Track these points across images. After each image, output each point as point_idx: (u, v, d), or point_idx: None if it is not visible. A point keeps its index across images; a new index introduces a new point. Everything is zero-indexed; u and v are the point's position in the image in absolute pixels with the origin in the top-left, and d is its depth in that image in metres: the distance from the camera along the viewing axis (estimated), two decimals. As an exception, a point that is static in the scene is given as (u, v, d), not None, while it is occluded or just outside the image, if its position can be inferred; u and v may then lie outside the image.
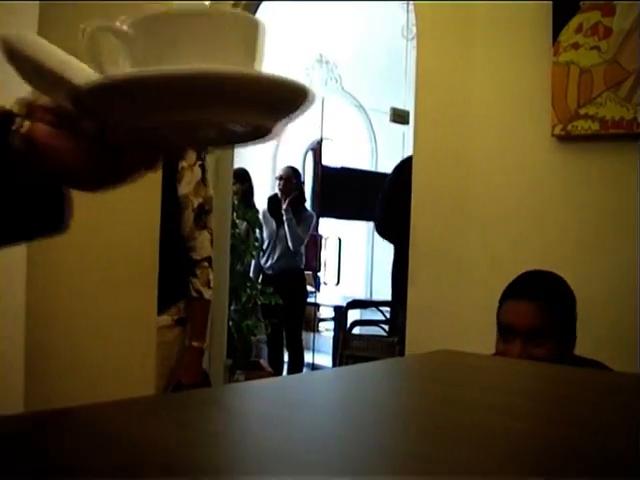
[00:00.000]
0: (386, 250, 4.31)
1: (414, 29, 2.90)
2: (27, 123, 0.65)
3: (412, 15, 2.88)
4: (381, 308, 6.33)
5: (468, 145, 2.65)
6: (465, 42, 2.73)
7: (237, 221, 5.08)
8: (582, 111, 2.41)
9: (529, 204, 2.42)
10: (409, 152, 2.94)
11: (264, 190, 7.31)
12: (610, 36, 2.38)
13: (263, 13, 4.97)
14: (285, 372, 5.71)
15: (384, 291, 5.50)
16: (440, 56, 2.80)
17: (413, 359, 0.87)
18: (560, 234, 2.39)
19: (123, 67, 0.61)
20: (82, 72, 0.62)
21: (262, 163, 8.44)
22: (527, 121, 2.56)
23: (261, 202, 6.04)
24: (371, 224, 6.29)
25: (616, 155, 2.37)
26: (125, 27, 0.61)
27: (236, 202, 5.07)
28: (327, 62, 8.23)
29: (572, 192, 2.40)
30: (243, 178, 5.91)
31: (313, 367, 6.31)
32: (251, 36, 0.63)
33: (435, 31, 2.82)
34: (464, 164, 2.65)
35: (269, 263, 5.70)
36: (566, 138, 2.46)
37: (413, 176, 2.81)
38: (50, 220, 0.71)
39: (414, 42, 2.89)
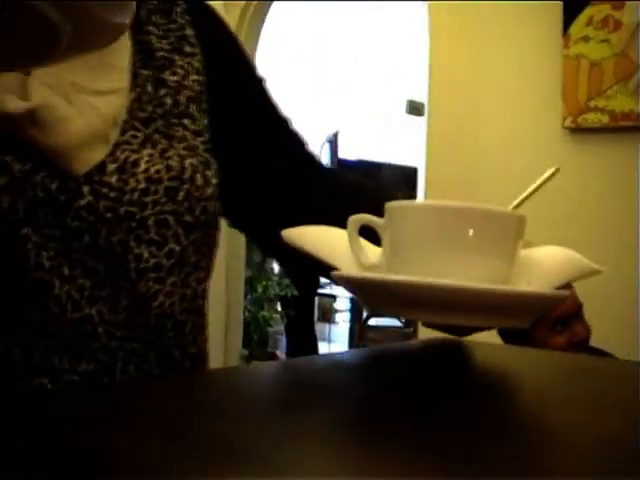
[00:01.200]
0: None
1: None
2: None
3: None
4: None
5: (480, 137, 2.68)
6: (477, 36, 2.76)
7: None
8: (592, 104, 2.43)
9: (539, 194, 2.43)
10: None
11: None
12: (620, 29, 2.40)
13: (289, 12, 5.01)
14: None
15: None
16: (452, 49, 2.84)
17: (419, 345, 0.90)
18: (569, 224, 2.42)
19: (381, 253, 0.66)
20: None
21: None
22: (538, 113, 2.59)
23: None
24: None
25: (625, 147, 2.40)
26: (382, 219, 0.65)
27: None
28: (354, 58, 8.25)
29: (582, 183, 2.42)
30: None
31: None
32: (516, 234, 0.63)
33: (447, 25, 2.85)
34: (476, 156, 2.68)
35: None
36: (576, 130, 2.49)
37: (425, 168, 2.84)
38: None
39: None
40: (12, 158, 0.70)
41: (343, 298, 7.46)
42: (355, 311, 6.71)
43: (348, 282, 0.65)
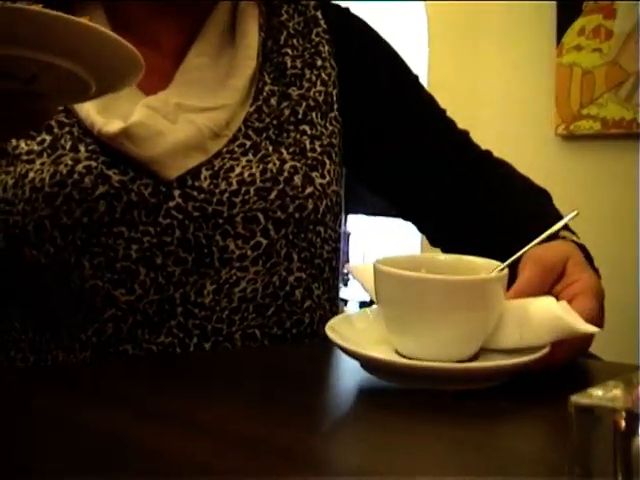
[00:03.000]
0: (414, 245, 4.38)
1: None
2: None
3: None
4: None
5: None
6: (471, 44, 2.81)
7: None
8: (584, 111, 2.48)
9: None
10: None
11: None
12: (611, 38, 2.45)
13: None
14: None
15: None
16: (448, 58, 2.89)
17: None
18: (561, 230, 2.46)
19: None
20: None
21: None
22: (531, 120, 2.64)
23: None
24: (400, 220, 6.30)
25: (617, 154, 2.45)
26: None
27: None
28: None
29: (574, 190, 2.47)
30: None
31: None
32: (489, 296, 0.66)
33: (444, 34, 2.90)
34: (473, 162, 2.73)
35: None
36: (569, 137, 2.54)
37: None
38: None
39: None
40: (113, 171, 0.85)
41: (353, 302, 7.49)
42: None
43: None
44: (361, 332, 0.71)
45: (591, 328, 0.63)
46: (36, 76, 0.60)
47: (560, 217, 0.91)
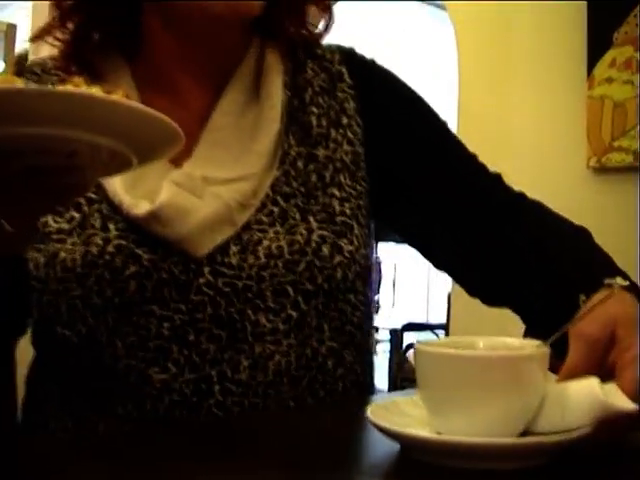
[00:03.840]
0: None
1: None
2: None
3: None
4: (437, 331, 6.36)
5: (506, 177, 2.71)
6: (502, 78, 2.82)
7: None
8: (616, 144, 2.47)
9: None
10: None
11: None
12: (641, 71, 2.44)
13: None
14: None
15: (442, 314, 5.53)
16: (479, 90, 2.89)
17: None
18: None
19: None
20: None
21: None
22: (564, 153, 2.63)
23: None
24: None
25: (649, 187, 2.43)
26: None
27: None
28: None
29: (606, 222, 2.45)
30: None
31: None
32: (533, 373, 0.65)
33: (475, 69, 2.91)
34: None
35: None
36: (601, 170, 2.52)
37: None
38: None
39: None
40: (143, 250, 0.85)
41: (384, 330, 7.48)
42: (395, 342, 6.72)
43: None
44: (402, 415, 0.70)
45: (631, 406, 0.62)
46: (75, 151, 0.61)
47: (603, 254, 0.91)
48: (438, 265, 1.03)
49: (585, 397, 0.62)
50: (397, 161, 1.00)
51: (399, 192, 1.00)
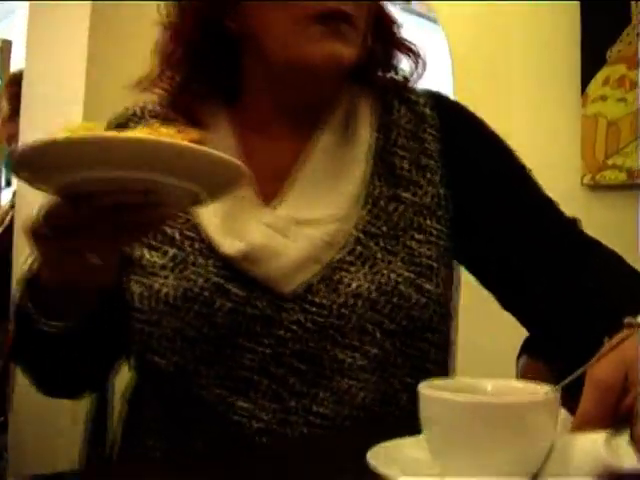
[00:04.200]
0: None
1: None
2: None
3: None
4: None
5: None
6: (498, 95, 2.83)
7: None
8: (610, 161, 2.48)
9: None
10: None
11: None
12: (636, 88, 2.45)
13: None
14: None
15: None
16: (474, 106, 2.90)
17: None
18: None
19: None
20: None
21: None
22: (558, 171, 2.64)
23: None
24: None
25: (643, 205, 2.44)
26: None
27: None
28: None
29: (600, 239, 2.46)
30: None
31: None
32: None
33: (470, 83, 2.92)
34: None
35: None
36: (595, 187, 2.53)
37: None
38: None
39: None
40: (234, 286, 0.90)
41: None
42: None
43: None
44: (404, 457, 0.68)
45: (632, 467, 0.59)
46: (150, 190, 0.68)
47: None
48: (505, 304, 1.03)
49: (588, 455, 0.60)
50: (476, 201, 1.02)
51: (475, 230, 1.02)
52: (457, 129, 1.05)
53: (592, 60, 2.53)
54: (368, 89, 1.05)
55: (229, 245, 0.91)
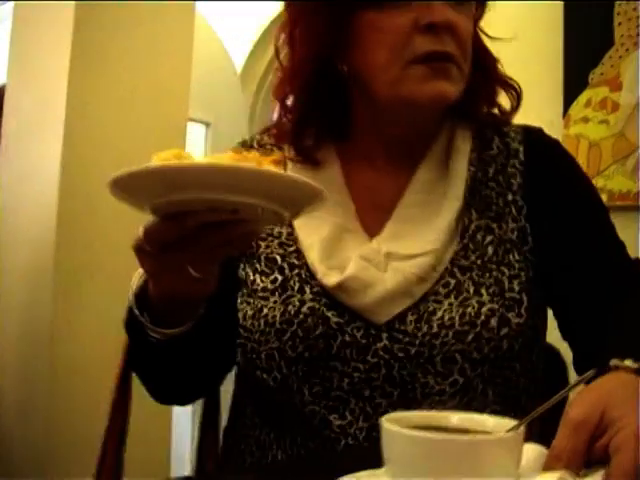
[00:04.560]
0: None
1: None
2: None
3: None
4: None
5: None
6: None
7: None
8: (591, 183, 2.48)
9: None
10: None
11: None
12: (617, 110, 2.46)
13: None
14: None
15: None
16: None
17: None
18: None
19: None
20: None
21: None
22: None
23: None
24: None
25: (622, 226, 2.43)
26: None
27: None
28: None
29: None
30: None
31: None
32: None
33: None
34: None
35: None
36: (576, 208, 2.53)
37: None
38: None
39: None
40: (332, 313, 0.97)
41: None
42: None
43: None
44: None
45: None
46: (237, 209, 0.76)
47: None
48: (564, 333, 1.06)
49: None
50: (552, 237, 1.04)
51: (553, 262, 1.04)
52: (542, 164, 1.08)
53: (575, 82, 2.54)
54: (467, 123, 1.10)
55: (327, 275, 0.98)
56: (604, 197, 2.45)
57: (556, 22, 2.57)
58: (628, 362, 0.77)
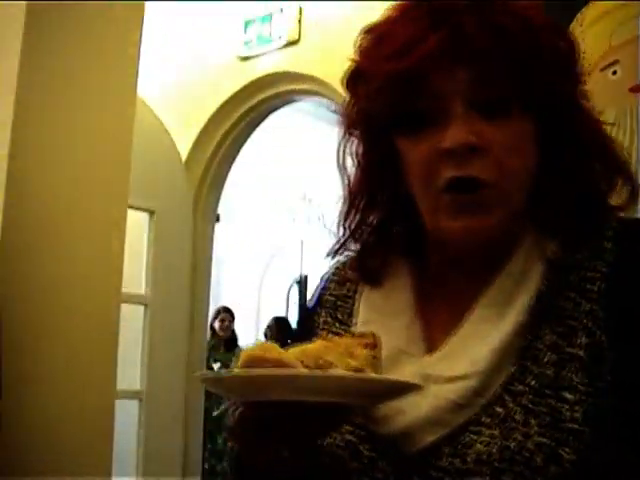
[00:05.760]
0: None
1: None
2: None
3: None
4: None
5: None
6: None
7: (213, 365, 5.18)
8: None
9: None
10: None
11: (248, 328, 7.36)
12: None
13: (252, 153, 5.13)
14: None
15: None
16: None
17: None
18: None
19: None
20: None
21: (246, 299, 8.52)
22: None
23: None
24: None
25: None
26: None
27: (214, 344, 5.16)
28: (310, 200, 8.38)
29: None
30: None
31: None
32: None
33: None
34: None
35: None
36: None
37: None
38: None
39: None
40: (365, 446, 0.91)
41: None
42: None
43: None
44: None
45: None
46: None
47: None
48: None
49: None
50: (628, 353, 0.86)
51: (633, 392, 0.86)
52: (632, 264, 0.89)
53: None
54: (546, 235, 0.92)
55: None
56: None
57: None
58: None
